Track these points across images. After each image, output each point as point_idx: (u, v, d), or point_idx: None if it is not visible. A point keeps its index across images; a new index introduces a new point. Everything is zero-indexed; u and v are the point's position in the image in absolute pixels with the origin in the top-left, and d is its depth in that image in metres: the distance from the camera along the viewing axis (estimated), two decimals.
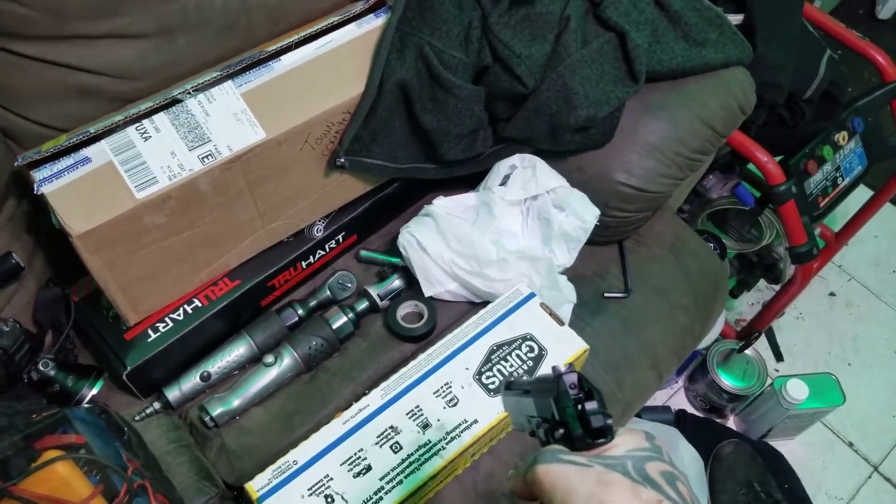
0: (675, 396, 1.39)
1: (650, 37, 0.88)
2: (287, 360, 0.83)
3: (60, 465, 0.65)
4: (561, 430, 0.37)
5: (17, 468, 0.65)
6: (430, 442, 0.75)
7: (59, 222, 0.70)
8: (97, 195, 0.71)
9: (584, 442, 0.36)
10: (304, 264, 0.90)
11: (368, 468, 0.73)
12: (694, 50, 0.91)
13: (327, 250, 0.92)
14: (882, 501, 1.31)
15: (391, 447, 0.74)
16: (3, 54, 0.76)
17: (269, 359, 0.83)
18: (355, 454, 0.73)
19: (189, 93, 0.76)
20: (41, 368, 0.77)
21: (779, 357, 1.44)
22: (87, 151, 0.72)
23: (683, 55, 0.90)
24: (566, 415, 0.36)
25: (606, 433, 0.36)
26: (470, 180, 0.94)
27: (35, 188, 0.70)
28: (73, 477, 0.65)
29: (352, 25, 0.84)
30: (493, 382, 0.78)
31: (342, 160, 0.83)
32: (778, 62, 1.04)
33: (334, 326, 0.86)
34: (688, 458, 1.18)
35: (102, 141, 0.73)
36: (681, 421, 1.30)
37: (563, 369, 0.38)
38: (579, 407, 0.36)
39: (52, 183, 0.70)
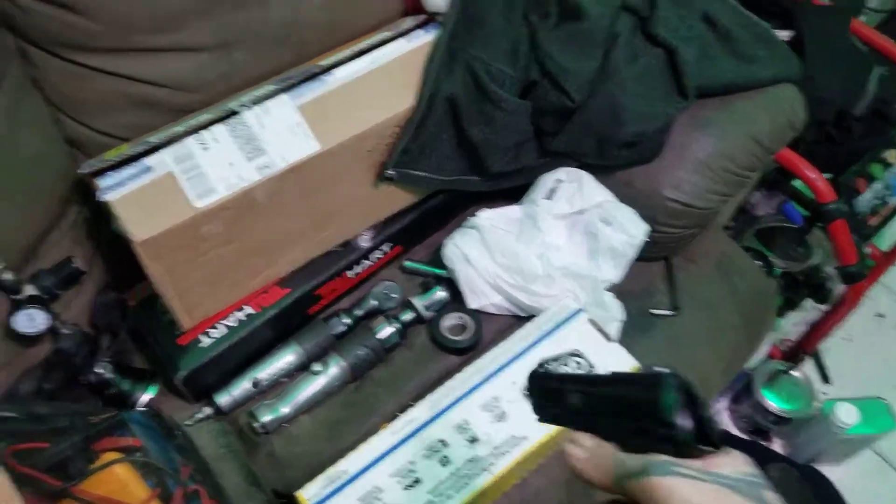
0: (719, 418, 1.36)
1: (699, 53, 0.88)
2: (334, 369, 0.84)
3: (119, 468, 0.66)
4: (662, 433, 0.35)
5: (76, 469, 0.66)
6: (478, 456, 0.75)
7: (121, 229, 0.72)
8: (158, 203, 0.73)
9: (692, 450, 0.34)
10: (350, 274, 0.91)
11: (418, 481, 0.73)
12: (743, 66, 0.90)
13: (373, 261, 0.93)
14: None
15: (440, 461, 0.74)
16: (70, 66, 0.79)
17: (317, 367, 0.84)
18: (405, 466, 0.74)
19: (246, 105, 0.78)
20: (99, 371, 0.79)
21: (826, 379, 1.40)
22: (149, 161, 0.75)
23: (733, 71, 0.89)
24: (669, 416, 0.34)
25: (718, 443, 0.34)
26: (513, 193, 0.94)
27: (99, 195, 0.72)
28: (131, 480, 0.66)
29: (402, 41, 0.86)
30: None
31: (391, 172, 0.85)
32: (826, 79, 1.03)
33: (380, 337, 0.87)
34: None
35: (164, 151, 0.75)
36: (724, 443, 1.27)
37: (664, 370, 0.37)
38: (691, 411, 0.35)
39: (115, 191, 0.73)
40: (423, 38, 0.86)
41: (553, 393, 0.45)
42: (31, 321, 0.77)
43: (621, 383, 0.40)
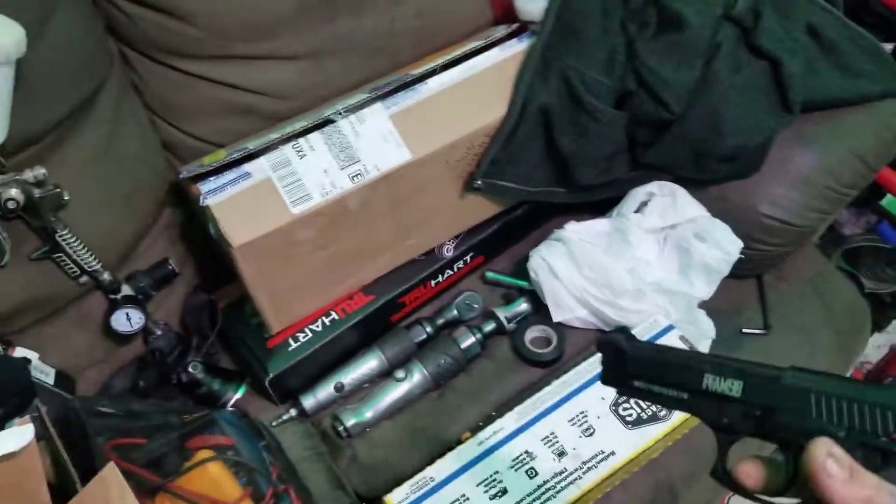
0: None
1: (804, 66, 0.84)
2: (417, 377, 0.84)
3: (212, 466, 0.68)
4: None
5: (172, 465, 0.68)
6: (566, 470, 0.74)
7: (219, 233, 0.74)
8: (256, 209, 0.74)
9: None
10: (433, 283, 0.91)
11: (504, 491, 0.72)
12: (849, 80, 0.87)
13: (455, 270, 0.93)
14: None
15: (527, 472, 0.74)
16: (170, 71, 0.81)
17: (400, 374, 0.84)
18: (491, 476, 0.73)
19: (341, 113, 0.79)
20: (191, 371, 0.81)
21: None
22: (247, 167, 0.76)
23: (839, 85, 0.86)
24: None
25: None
26: (598, 206, 0.92)
27: (200, 200, 0.74)
28: (224, 478, 0.68)
29: (495, 50, 0.85)
30: (630, 415, 0.76)
31: (479, 182, 0.84)
32: None
33: (463, 346, 0.86)
34: None
35: (262, 157, 0.76)
36: None
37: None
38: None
39: (216, 195, 0.74)
40: (516, 48, 0.85)
41: (660, 367, 0.42)
42: (127, 321, 0.80)
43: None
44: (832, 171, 0.86)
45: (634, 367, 0.42)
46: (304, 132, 0.78)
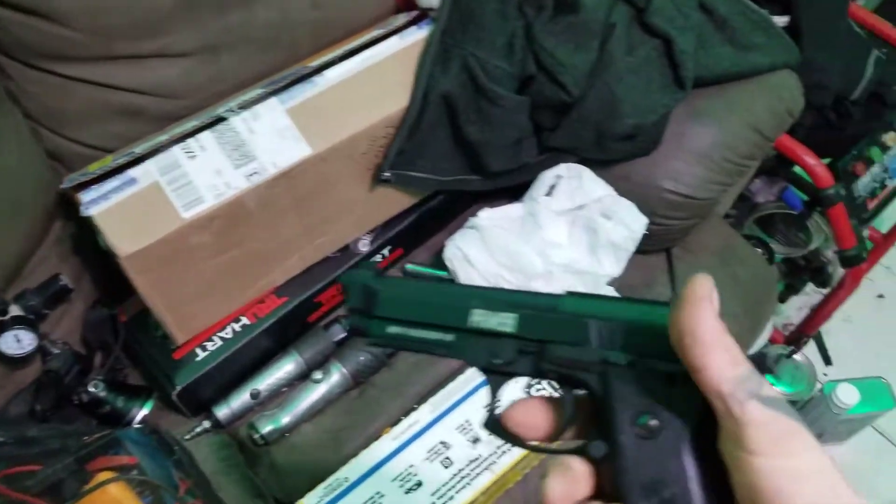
0: None
1: (696, 42, 0.86)
2: (335, 376, 0.83)
3: (113, 487, 0.65)
4: None
5: (70, 491, 0.65)
6: (480, 456, 0.74)
7: (106, 244, 0.70)
8: (144, 215, 0.71)
9: None
10: None
11: (419, 484, 0.72)
12: (741, 54, 0.89)
13: None
14: None
15: (442, 462, 0.74)
16: (49, 77, 0.76)
17: (318, 375, 0.82)
18: (406, 470, 0.73)
19: (233, 110, 0.76)
20: (91, 390, 0.77)
21: (827, 361, 1.40)
22: (133, 172, 0.72)
23: (730, 60, 0.88)
24: None
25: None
26: (514, 191, 0.92)
27: (82, 210, 0.70)
28: (126, 498, 0.65)
29: (394, 38, 0.83)
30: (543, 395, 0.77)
31: (387, 174, 0.82)
32: (825, 64, 1.02)
33: None
34: None
35: (149, 161, 0.73)
36: None
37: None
38: None
39: (99, 204, 0.70)
40: (417, 35, 0.84)
41: None
42: (17, 343, 0.75)
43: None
44: (729, 144, 0.88)
45: (387, 308, 0.36)
46: (195, 132, 0.75)
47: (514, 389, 0.37)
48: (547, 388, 0.76)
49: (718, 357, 0.26)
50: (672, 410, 0.28)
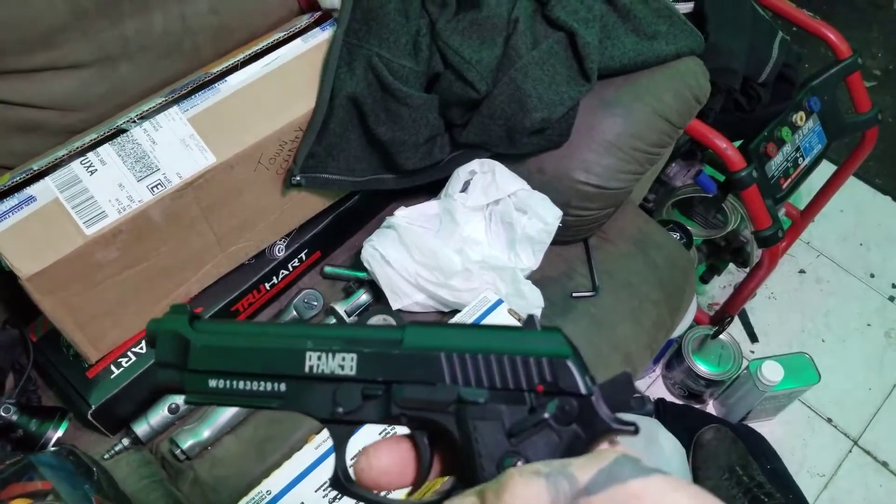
0: (653, 385, 1.39)
1: (600, 33, 0.87)
2: None
3: None
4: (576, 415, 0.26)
5: None
6: None
7: (7, 265, 0.68)
8: (45, 235, 0.69)
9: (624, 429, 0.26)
10: (267, 286, 0.89)
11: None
12: (645, 43, 0.91)
13: (290, 269, 0.91)
14: (863, 474, 1.33)
15: None
16: None
17: None
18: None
19: (134, 121, 0.74)
20: (2, 414, 0.75)
21: (753, 338, 1.45)
22: (31, 190, 0.70)
23: (635, 49, 0.89)
24: (580, 386, 0.26)
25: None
26: (431, 188, 0.93)
27: None
28: None
29: (298, 41, 0.83)
30: None
31: (297, 178, 0.82)
32: (730, 48, 1.05)
33: None
34: (669, 449, 1.18)
35: (47, 178, 0.71)
36: (660, 409, 1.31)
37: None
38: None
39: None
40: (320, 37, 0.83)
41: None
42: None
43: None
44: (637, 134, 0.90)
45: (205, 359, 0.31)
46: (94, 145, 0.73)
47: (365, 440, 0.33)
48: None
49: None
50: (538, 447, 0.26)
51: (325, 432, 0.75)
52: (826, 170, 1.32)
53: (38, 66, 0.76)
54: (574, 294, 0.93)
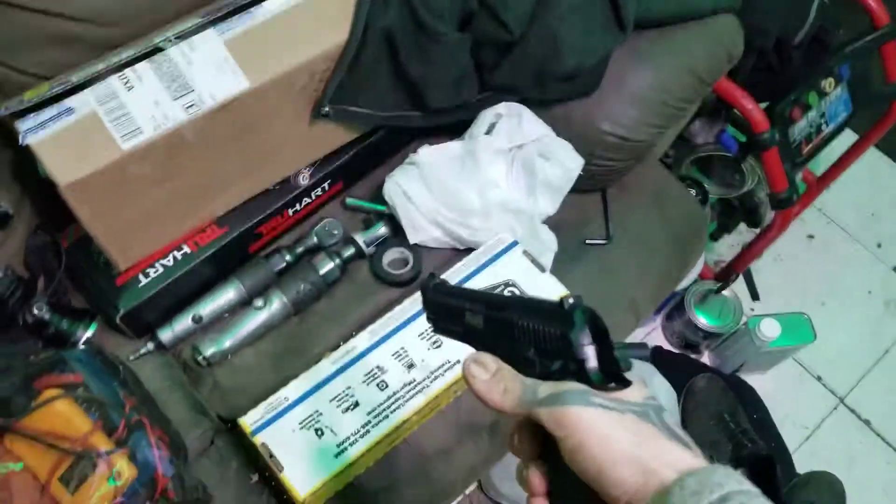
0: (653, 334, 1.44)
1: None
2: (276, 304, 0.86)
3: (60, 403, 0.69)
4: (573, 369, 0.34)
5: (18, 406, 0.68)
6: (414, 380, 0.79)
7: (45, 172, 0.71)
8: (83, 145, 0.71)
9: (603, 386, 0.33)
10: (290, 212, 0.92)
11: (356, 404, 0.77)
12: None
13: (313, 198, 0.93)
14: (845, 430, 1.39)
15: (378, 385, 0.79)
16: None
17: (259, 302, 0.86)
18: (344, 391, 0.78)
19: (171, 40, 0.75)
20: (35, 312, 0.79)
21: (755, 297, 1.48)
22: (70, 101, 0.72)
23: (672, 2, 0.89)
24: (579, 354, 0.34)
25: (626, 380, 0.34)
26: (456, 128, 0.94)
27: (20, 139, 0.70)
28: (73, 413, 0.69)
29: None
30: None
31: (326, 109, 0.83)
32: (767, 6, 1.03)
33: (321, 272, 0.88)
34: (662, 392, 1.23)
35: (86, 91, 0.72)
36: (657, 357, 1.35)
37: (573, 301, 0.35)
38: (599, 348, 0.34)
39: (37, 133, 0.70)
40: None
41: (450, 309, 0.44)
42: None
43: (528, 311, 0.38)
44: (666, 88, 0.90)
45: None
46: (132, 62, 0.74)
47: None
48: None
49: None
50: None
51: (341, 350, 0.80)
52: (847, 138, 1.32)
53: None
54: (587, 241, 0.96)
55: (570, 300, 0.35)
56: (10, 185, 0.84)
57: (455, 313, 0.43)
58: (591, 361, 0.34)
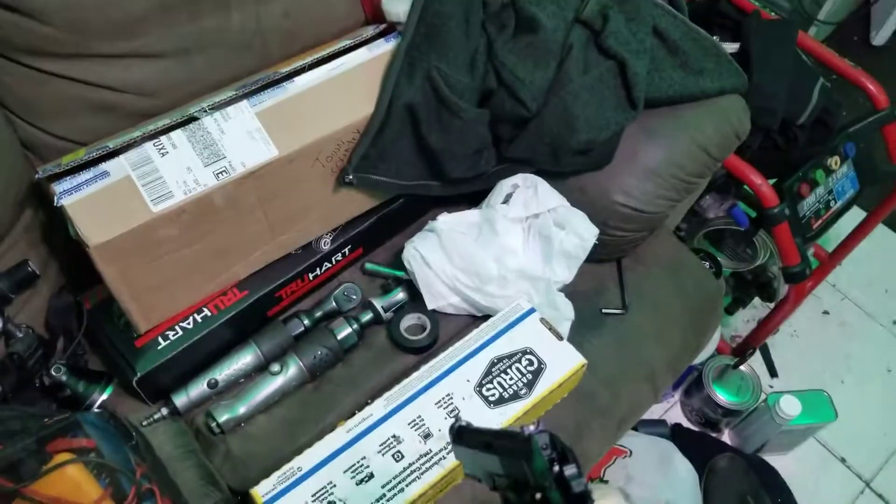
0: (672, 410, 1.41)
1: (649, 65, 0.91)
2: (292, 369, 0.86)
3: (71, 468, 0.67)
4: (538, 495, 0.35)
5: (28, 470, 0.67)
6: (431, 451, 0.77)
7: (76, 233, 0.73)
8: (114, 208, 0.74)
9: None
10: (310, 276, 0.93)
11: (371, 476, 0.75)
12: (691, 78, 0.94)
13: (333, 263, 0.95)
14: None
15: (393, 456, 0.77)
16: (27, 70, 0.79)
17: (275, 367, 0.85)
18: (358, 462, 0.76)
19: (206, 111, 0.79)
20: (53, 373, 0.79)
21: (773, 373, 1.46)
22: (105, 165, 0.75)
23: (681, 83, 0.93)
24: (540, 478, 0.35)
25: (587, 499, 0.34)
26: (473, 198, 0.97)
27: (55, 200, 0.72)
28: (84, 479, 0.67)
29: (363, 49, 0.87)
30: (493, 395, 0.81)
31: (350, 177, 0.86)
32: (772, 89, 1.08)
33: (339, 337, 0.88)
34: (683, 472, 1.20)
35: (121, 156, 0.76)
36: (676, 435, 1.32)
37: (532, 429, 0.37)
38: (555, 469, 0.34)
39: (71, 196, 0.73)
40: (384, 48, 0.88)
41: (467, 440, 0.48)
42: None
43: (501, 438, 0.41)
44: (677, 163, 0.93)
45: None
46: (167, 130, 0.78)
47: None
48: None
49: None
50: None
51: (356, 417, 0.79)
52: (856, 216, 1.34)
53: (120, 52, 0.82)
54: (604, 310, 0.96)
55: (530, 428, 0.38)
56: (39, 246, 0.86)
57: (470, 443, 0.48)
58: (551, 486, 0.35)
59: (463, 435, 0.48)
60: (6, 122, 0.82)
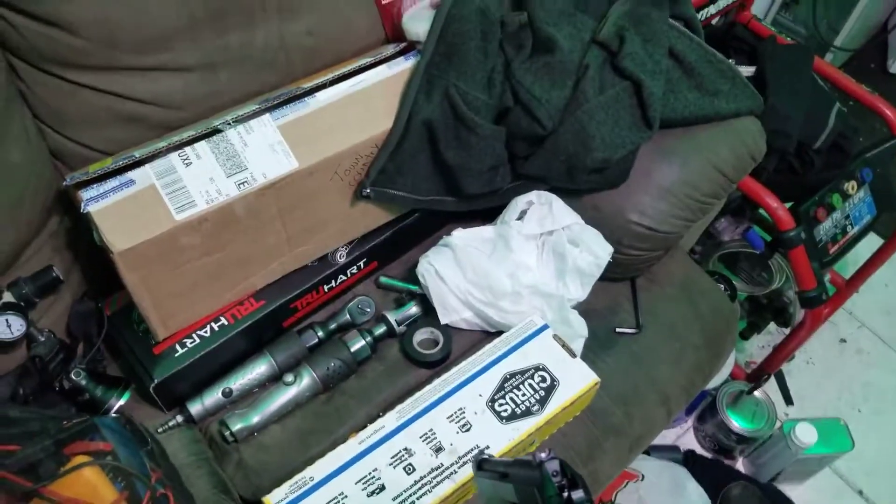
0: (685, 436, 1.39)
1: (665, 86, 0.92)
2: (306, 380, 0.86)
3: (88, 471, 0.68)
4: None
5: (46, 471, 0.68)
6: (442, 465, 0.77)
7: (101, 239, 0.74)
8: (139, 215, 0.75)
9: None
10: (326, 288, 0.94)
11: (382, 488, 0.75)
12: (706, 99, 0.95)
13: (349, 275, 0.96)
14: None
15: (404, 468, 0.77)
16: (58, 81, 0.82)
17: (289, 378, 0.86)
18: (369, 474, 0.76)
19: (229, 123, 0.81)
20: (73, 378, 0.81)
21: (788, 401, 1.44)
22: (131, 174, 0.77)
23: (696, 104, 0.94)
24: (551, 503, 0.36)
25: None
26: (488, 214, 0.98)
27: (82, 207, 0.74)
28: (100, 482, 0.68)
29: (383, 67, 0.90)
30: (506, 410, 0.81)
31: (368, 191, 0.88)
32: (787, 113, 1.09)
33: (352, 349, 0.89)
34: (695, 498, 1.18)
35: (146, 165, 0.78)
36: (689, 461, 1.30)
37: (543, 456, 0.39)
38: (565, 495, 0.36)
39: (97, 203, 0.75)
40: (404, 65, 0.90)
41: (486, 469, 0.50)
42: (7, 328, 0.79)
43: (515, 467, 0.43)
44: (692, 183, 0.93)
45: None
46: (192, 141, 0.80)
47: None
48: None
49: None
50: None
51: (369, 429, 0.79)
52: (873, 242, 1.33)
53: (149, 65, 0.84)
54: (617, 329, 0.96)
55: (542, 455, 0.40)
56: (63, 253, 0.88)
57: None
58: None
59: (482, 465, 0.50)
60: (36, 131, 0.84)
